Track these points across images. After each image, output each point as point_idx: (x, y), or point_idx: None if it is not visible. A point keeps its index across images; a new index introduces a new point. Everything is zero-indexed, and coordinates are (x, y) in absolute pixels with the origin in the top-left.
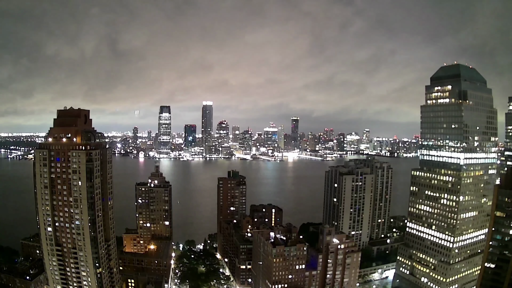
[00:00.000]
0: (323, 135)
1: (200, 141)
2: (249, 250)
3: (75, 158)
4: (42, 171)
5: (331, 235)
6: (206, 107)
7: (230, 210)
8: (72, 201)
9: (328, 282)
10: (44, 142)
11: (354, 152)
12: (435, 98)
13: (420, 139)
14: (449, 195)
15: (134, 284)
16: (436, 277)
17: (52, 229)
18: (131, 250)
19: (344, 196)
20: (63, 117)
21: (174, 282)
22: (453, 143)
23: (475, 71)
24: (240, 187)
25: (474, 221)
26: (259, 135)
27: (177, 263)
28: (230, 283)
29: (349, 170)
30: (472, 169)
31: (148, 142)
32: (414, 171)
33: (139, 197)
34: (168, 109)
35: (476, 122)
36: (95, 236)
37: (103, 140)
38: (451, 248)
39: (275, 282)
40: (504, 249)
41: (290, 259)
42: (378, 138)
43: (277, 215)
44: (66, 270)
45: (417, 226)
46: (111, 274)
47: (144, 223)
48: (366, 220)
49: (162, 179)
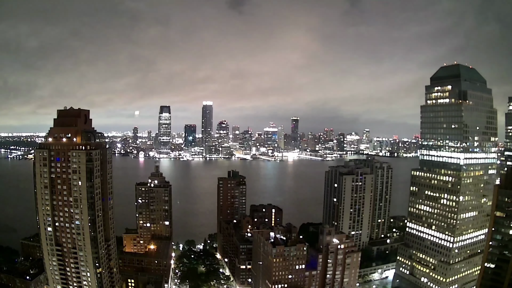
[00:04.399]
0: (323, 135)
1: (200, 141)
2: (249, 250)
3: (75, 158)
4: (42, 171)
5: (331, 235)
6: (206, 107)
7: (230, 210)
8: (72, 201)
9: (328, 282)
10: (44, 142)
11: (354, 152)
12: (435, 98)
13: (420, 139)
14: (449, 195)
15: (134, 284)
16: (436, 277)
17: (52, 229)
18: (131, 250)
19: (344, 196)
20: (63, 117)
21: (174, 282)
22: (453, 143)
23: (475, 71)
24: (240, 187)
25: (474, 221)
26: (259, 135)
27: (177, 263)
28: (230, 283)
29: (349, 170)
30: (472, 169)
31: (148, 142)
32: (414, 171)
33: (139, 197)
34: (168, 109)
35: (476, 122)
36: (95, 236)
37: (103, 140)
38: (451, 248)
39: (275, 282)
40: (504, 249)
41: (290, 259)
42: (378, 138)
43: (277, 215)
44: (66, 270)
45: (417, 226)
46: (111, 274)
47: (144, 223)
48: (366, 220)
49: (162, 179)
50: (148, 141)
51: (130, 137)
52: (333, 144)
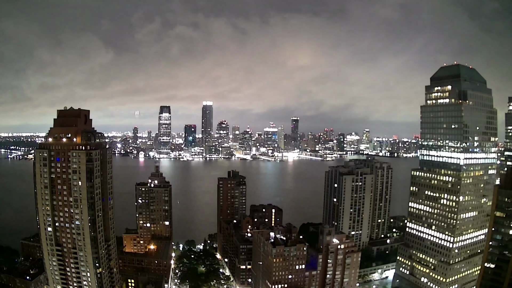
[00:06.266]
0: (323, 135)
1: (200, 141)
2: (249, 250)
3: (75, 158)
4: (42, 171)
5: (331, 235)
6: (206, 107)
7: (230, 210)
8: (72, 201)
9: (328, 282)
10: (44, 142)
11: (354, 152)
12: (435, 98)
13: (420, 139)
14: (449, 195)
15: (134, 284)
16: (436, 277)
17: (52, 229)
18: (131, 250)
19: (344, 196)
20: (63, 117)
21: (174, 282)
22: (453, 143)
23: (475, 71)
24: (240, 187)
25: (474, 221)
26: (259, 135)
27: (177, 263)
28: (230, 283)
29: (349, 170)
30: (472, 169)
31: (148, 142)
32: (414, 171)
33: (139, 197)
34: (168, 109)
35: (476, 122)
36: (95, 236)
37: (103, 140)
38: (451, 248)
39: (275, 282)
40: (504, 249)
41: (290, 259)
42: (378, 138)
43: (277, 215)
44: (66, 270)
45: (417, 226)
46: (111, 274)
47: (144, 223)
48: (366, 220)
49: (162, 179)
50: (148, 141)
51: (130, 137)
52: (333, 144)
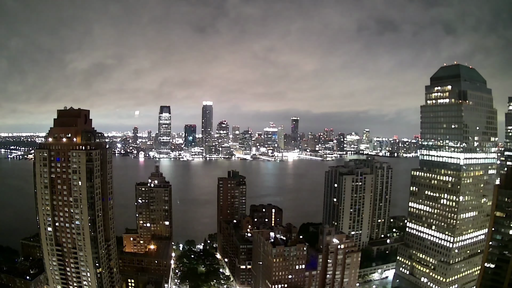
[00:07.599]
0: (323, 135)
1: (200, 141)
2: (249, 250)
3: (75, 158)
4: (42, 171)
5: (331, 235)
6: (206, 107)
7: (230, 210)
8: (72, 201)
9: (328, 282)
10: (44, 142)
11: (354, 152)
12: (435, 98)
13: (420, 139)
14: (449, 195)
15: (134, 284)
16: (436, 277)
17: (52, 229)
18: (131, 250)
19: (344, 196)
20: (63, 117)
21: (174, 282)
22: (453, 143)
23: (475, 71)
24: (240, 187)
25: (474, 221)
26: (259, 135)
27: (177, 263)
28: (230, 283)
29: (349, 170)
30: (472, 169)
31: (148, 142)
32: (414, 171)
33: (139, 197)
34: (168, 109)
35: (476, 122)
36: (95, 236)
37: (103, 140)
38: (451, 248)
39: (275, 282)
40: (504, 249)
41: (290, 259)
42: (378, 138)
43: (277, 215)
44: (66, 270)
45: (417, 226)
46: (111, 274)
47: (144, 223)
48: (366, 220)
49: (162, 179)
50: (148, 141)
51: (130, 137)
52: (333, 144)
